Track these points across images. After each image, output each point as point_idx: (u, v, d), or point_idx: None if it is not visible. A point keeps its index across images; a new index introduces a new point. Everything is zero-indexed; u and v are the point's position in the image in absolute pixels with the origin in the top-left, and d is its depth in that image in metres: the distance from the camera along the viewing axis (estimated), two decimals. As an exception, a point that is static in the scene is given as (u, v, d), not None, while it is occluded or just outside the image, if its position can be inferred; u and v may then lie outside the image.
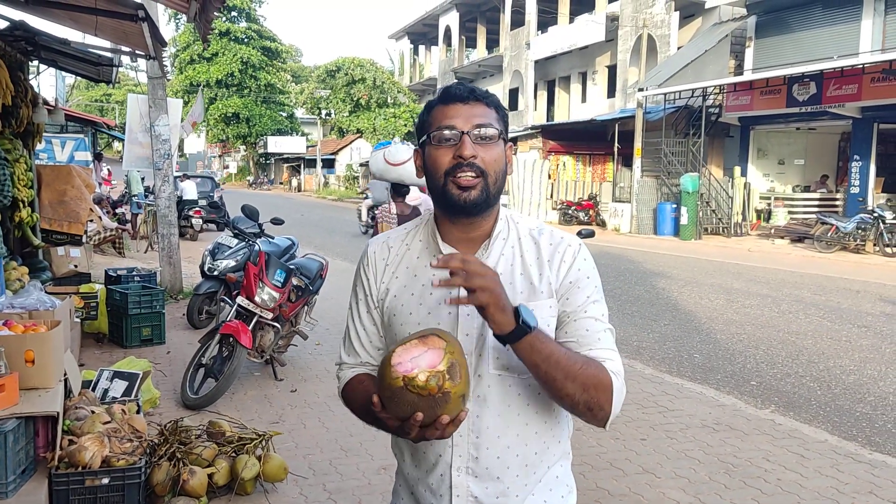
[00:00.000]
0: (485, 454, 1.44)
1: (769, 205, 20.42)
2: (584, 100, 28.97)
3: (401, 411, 1.25)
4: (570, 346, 1.41)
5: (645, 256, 14.47)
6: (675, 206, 19.38)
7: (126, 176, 15.22)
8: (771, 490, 3.87)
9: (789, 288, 10.99)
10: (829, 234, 15.85)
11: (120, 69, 8.64)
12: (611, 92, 26.88)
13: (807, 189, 20.87)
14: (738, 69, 20.50)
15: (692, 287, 10.98)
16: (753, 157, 21.07)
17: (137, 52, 7.26)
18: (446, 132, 1.43)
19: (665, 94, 20.24)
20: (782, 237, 18.05)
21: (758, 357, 6.84)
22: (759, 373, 6.33)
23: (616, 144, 22.44)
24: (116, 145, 48.87)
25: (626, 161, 22.40)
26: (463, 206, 1.43)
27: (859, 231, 15.54)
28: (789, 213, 19.73)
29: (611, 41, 25.28)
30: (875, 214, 15.38)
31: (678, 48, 22.12)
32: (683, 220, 18.86)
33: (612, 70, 26.52)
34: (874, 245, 15.40)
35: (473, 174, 1.41)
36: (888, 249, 14.99)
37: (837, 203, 19.39)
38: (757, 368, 6.47)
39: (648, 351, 7.12)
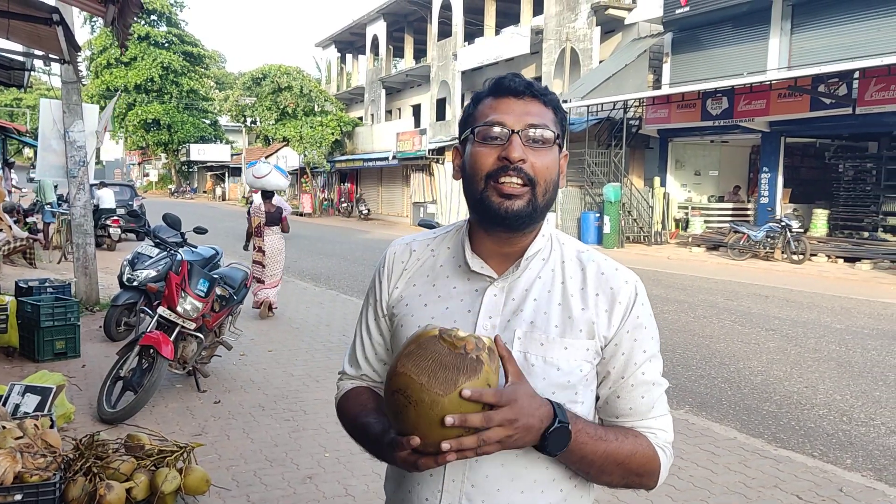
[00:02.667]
0: (481, 482, 1.21)
1: (687, 214, 21.23)
2: (509, 111, 29.43)
3: (419, 369, 1.05)
4: (621, 411, 1.26)
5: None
6: (598, 215, 19.92)
7: (38, 184, 14.61)
8: (683, 486, 4.05)
9: (704, 294, 11.46)
10: (741, 243, 16.62)
11: (32, 73, 8.33)
12: (536, 103, 27.39)
13: (721, 199, 21.80)
14: (657, 83, 21.28)
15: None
16: (672, 168, 21.88)
17: (51, 55, 7.03)
18: (494, 129, 1.23)
19: (588, 106, 20.79)
20: (699, 245, 18.79)
21: (674, 360, 7.12)
22: (675, 375, 6.59)
23: (541, 155, 22.86)
24: (27, 151, 46.79)
25: (551, 171, 22.79)
26: (504, 217, 1.21)
27: (769, 239, 16.34)
28: (705, 222, 20.56)
29: (536, 53, 25.82)
30: (783, 224, 16.20)
31: (600, 62, 22.79)
32: (606, 229, 19.40)
33: (538, 81, 27.03)
34: (782, 252, 16.22)
35: (520, 181, 1.20)
36: (795, 257, 15.81)
37: (749, 213, 20.33)
38: (673, 371, 6.73)
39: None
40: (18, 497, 3.10)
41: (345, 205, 37.02)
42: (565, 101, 20.63)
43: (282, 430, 4.84)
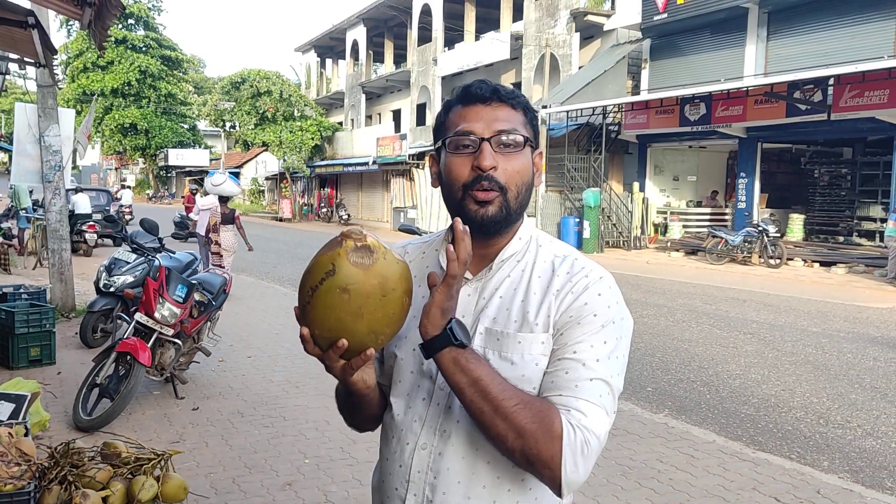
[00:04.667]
0: (441, 499, 1.24)
1: (665, 219, 21.41)
2: (490, 116, 29.52)
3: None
4: (544, 386, 1.20)
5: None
6: (577, 219, 20.02)
7: (11, 188, 14.40)
8: (663, 489, 4.07)
9: (683, 298, 11.54)
10: (719, 247, 16.78)
11: (7, 77, 8.22)
12: (516, 109, 27.51)
13: (699, 204, 22.02)
14: (636, 89, 21.46)
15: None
16: (651, 173, 22.06)
17: (26, 59, 6.95)
18: (464, 139, 1.25)
19: (567, 112, 20.91)
20: (678, 250, 18.95)
21: (654, 364, 7.16)
22: (655, 379, 6.63)
23: (521, 160, 22.94)
24: (1, 156, 46.10)
25: (532, 176, 22.90)
26: (480, 223, 1.24)
27: (746, 244, 16.52)
28: (684, 226, 20.75)
29: (515, 59, 25.95)
30: (760, 228, 16.39)
31: (579, 67, 22.94)
32: (586, 234, 19.51)
33: (518, 87, 27.12)
34: (759, 257, 16.39)
35: (492, 187, 1.24)
36: (771, 261, 15.99)
37: (727, 217, 20.55)
38: (653, 375, 6.77)
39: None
40: (-9, 507, 3.05)
41: (325, 210, 36.87)
42: (545, 107, 20.78)
43: (261, 437, 4.80)
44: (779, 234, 16.61)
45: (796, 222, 18.13)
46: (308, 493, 3.93)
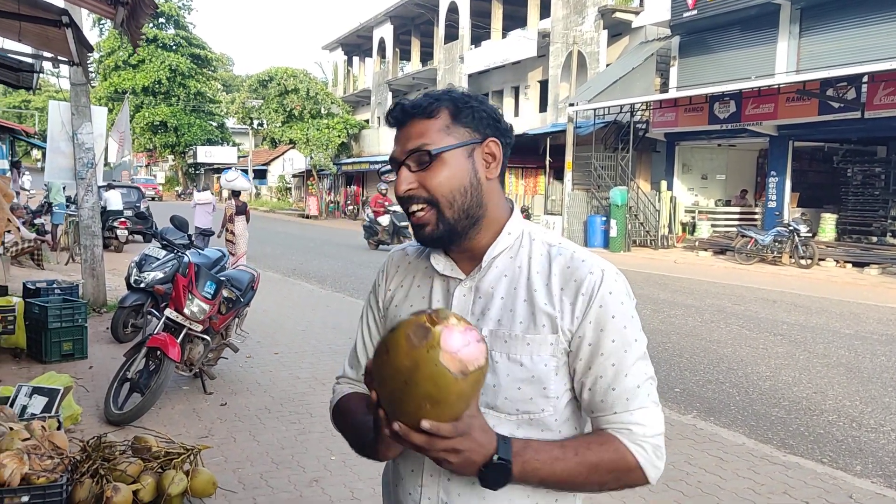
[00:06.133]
0: (456, 500, 1.24)
1: (693, 218, 21.17)
2: (516, 114, 29.48)
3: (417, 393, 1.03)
4: (594, 405, 1.23)
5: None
6: (604, 218, 19.88)
7: (46, 185, 14.66)
8: (692, 492, 4.03)
9: (712, 298, 11.41)
10: (748, 247, 16.55)
11: (41, 75, 8.36)
12: (542, 106, 27.43)
13: (728, 203, 21.74)
14: (664, 87, 21.24)
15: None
16: (679, 171, 21.83)
17: (60, 57, 7.05)
18: (389, 166, 1.28)
19: (595, 110, 20.76)
20: (706, 249, 18.74)
21: (682, 365, 7.09)
22: (683, 380, 6.56)
23: (548, 158, 22.89)
24: (35, 153, 46.96)
25: (558, 174, 22.86)
26: (425, 243, 1.28)
27: (776, 244, 16.27)
28: (712, 226, 20.49)
29: (542, 57, 25.83)
30: (790, 228, 16.13)
31: (607, 65, 22.77)
32: (613, 233, 19.36)
33: (544, 85, 27.08)
34: (790, 257, 16.14)
35: (420, 207, 1.24)
36: (802, 261, 15.74)
37: (756, 217, 20.26)
38: (681, 376, 6.70)
39: (578, 360, 7.26)
40: (25, 499, 3.10)
41: (351, 207, 37.06)
42: (571, 105, 20.65)
43: (288, 433, 4.83)
44: (810, 234, 16.34)
45: (828, 222, 17.80)
46: (335, 490, 3.95)
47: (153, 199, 20.67)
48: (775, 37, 17.89)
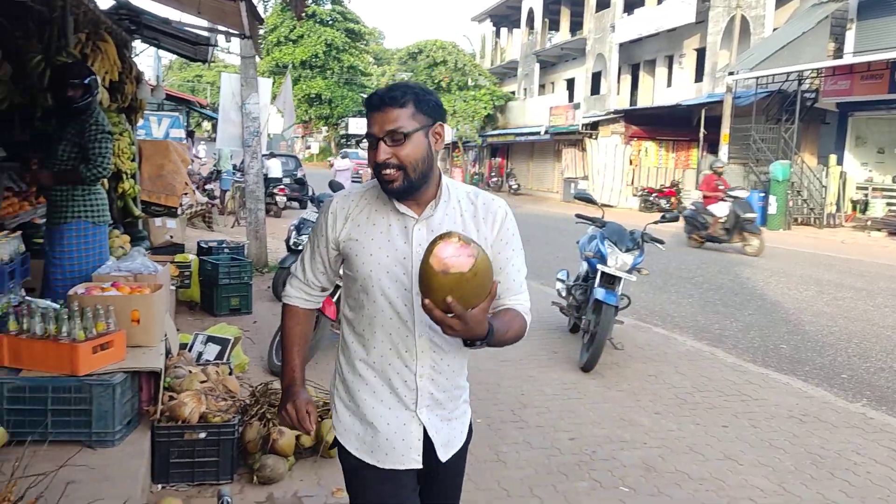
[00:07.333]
0: (439, 363, 1.86)
1: (866, 195, 19.43)
2: (669, 84, 28.22)
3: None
4: (501, 287, 1.85)
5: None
6: (762, 194, 18.70)
7: (216, 153, 15.79)
8: (860, 483, 3.75)
9: (885, 281, 10.48)
10: (930, 228, 14.99)
11: (214, 49, 8.96)
12: (698, 76, 26.07)
13: (907, 180, 19.76)
14: (838, 52, 19.53)
15: (779, 277, 10.61)
16: (851, 144, 20.07)
17: (231, 31, 7.52)
18: (367, 139, 1.77)
19: (757, 78, 19.50)
20: (879, 229, 17.19)
21: (849, 350, 6.58)
22: (851, 366, 6.09)
23: (702, 130, 21.79)
24: (205, 124, 50.58)
25: (712, 147, 21.75)
26: (390, 193, 1.79)
27: (965, 225, 14.64)
28: (888, 204, 18.73)
29: (701, 23, 24.48)
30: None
31: (773, 30, 21.24)
32: (771, 209, 18.18)
33: (701, 53, 25.71)
34: (981, 240, 14.48)
35: (392, 170, 1.73)
36: None
37: (942, 195, 18.30)
38: (848, 362, 6.22)
39: (731, 339, 6.94)
40: (203, 435, 3.39)
41: (495, 179, 37.11)
42: (731, 73, 19.47)
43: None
44: None
45: None
46: (480, 451, 4.02)
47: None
48: (975, -7, 15.93)
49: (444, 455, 1.91)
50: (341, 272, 1.99)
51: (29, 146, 5.41)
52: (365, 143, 1.80)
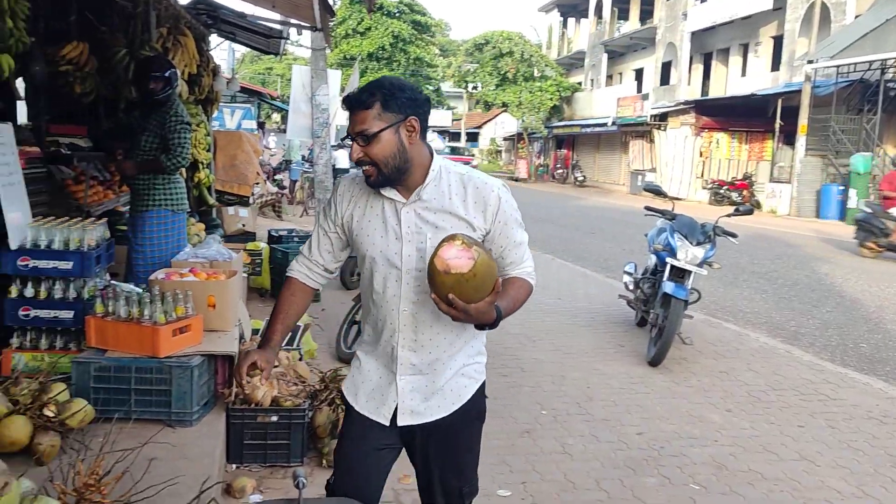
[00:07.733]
0: (420, 336, 1.99)
1: (952, 189, 18.45)
2: (743, 73, 27.34)
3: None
4: (506, 263, 2.00)
5: (805, 240, 13.57)
6: (842, 187, 17.99)
7: (286, 144, 16.12)
8: (947, 490, 3.59)
9: (975, 281, 9.96)
10: None
11: (286, 42, 9.14)
12: (775, 65, 25.17)
13: None
14: (925, 39, 18.56)
15: (860, 274, 10.20)
16: (937, 136, 19.09)
17: (303, 24, 7.65)
18: (346, 140, 1.96)
19: (838, 67, 18.71)
20: (967, 225, 16.28)
21: (935, 352, 6.30)
22: (937, 368, 5.83)
23: (778, 121, 21.06)
24: (275, 116, 51.67)
25: (788, 139, 21.01)
26: (370, 186, 1.95)
27: None
28: (979, 199, 17.74)
29: (778, 10, 23.60)
30: None
31: (855, 17, 20.32)
32: (851, 203, 17.46)
33: (778, 41, 24.80)
34: None
35: (368, 167, 1.89)
36: None
37: None
38: (934, 364, 5.95)
39: (808, 337, 6.72)
40: (275, 418, 3.48)
41: (560, 171, 36.76)
42: (810, 62, 18.75)
43: (500, 385, 4.96)
44: None
45: None
46: (546, 443, 4.02)
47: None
48: None
49: (402, 420, 2.02)
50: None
51: (114, 137, 5.65)
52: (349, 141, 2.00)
